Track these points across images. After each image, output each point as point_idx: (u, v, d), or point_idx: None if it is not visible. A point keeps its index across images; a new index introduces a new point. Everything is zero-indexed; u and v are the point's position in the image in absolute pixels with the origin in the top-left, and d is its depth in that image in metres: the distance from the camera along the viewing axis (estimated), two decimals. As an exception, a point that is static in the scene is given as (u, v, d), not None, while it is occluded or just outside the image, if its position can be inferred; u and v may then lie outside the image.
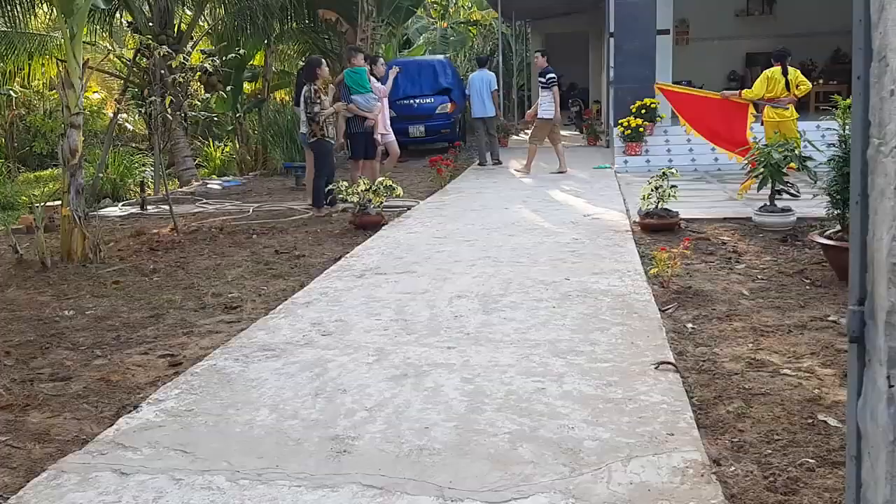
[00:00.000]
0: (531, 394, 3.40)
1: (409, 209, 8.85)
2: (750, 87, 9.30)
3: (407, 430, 3.09)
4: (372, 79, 9.96)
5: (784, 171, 6.87)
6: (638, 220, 7.24)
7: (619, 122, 12.69)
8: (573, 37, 29.30)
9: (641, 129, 12.52)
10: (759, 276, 5.38)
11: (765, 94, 8.81)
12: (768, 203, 7.10)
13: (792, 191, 8.02)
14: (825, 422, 3.07)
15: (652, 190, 7.09)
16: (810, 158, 6.93)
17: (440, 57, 18.43)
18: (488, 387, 3.50)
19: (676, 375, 3.56)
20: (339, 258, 6.46)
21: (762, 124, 8.97)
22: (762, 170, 6.89)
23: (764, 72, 8.96)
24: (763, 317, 4.47)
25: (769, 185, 7.00)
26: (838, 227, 5.30)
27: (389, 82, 10.59)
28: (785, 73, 8.80)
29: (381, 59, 11.12)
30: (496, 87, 13.77)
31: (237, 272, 6.19)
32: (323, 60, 9.53)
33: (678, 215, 7.15)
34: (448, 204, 9.27)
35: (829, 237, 5.21)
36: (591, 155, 14.64)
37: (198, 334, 4.62)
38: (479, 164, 13.48)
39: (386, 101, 10.49)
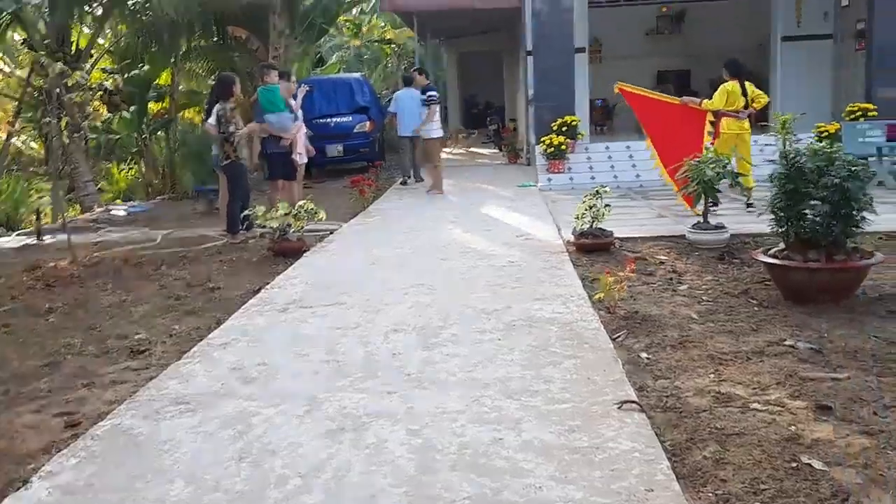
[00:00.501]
0: (488, 446, 3.03)
1: (331, 233, 8.40)
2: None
3: (350, 499, 2.67)
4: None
5: (716, 187, 6.76)
6: (573, 240, 7.01)
7: (542, 139, 12.57)
8: (487, 55, 29.43)
9: (564, 147, 12.43)
10: (703, 298, 5.19)
11: (723, 107, 8.74)
12: (702, 220, 6.98)
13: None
14: (810, 465, 2.81)
15: (586, 209, 6.87)
16: (742, 175, 6.86)
17: (357, 75, 18.05)
18: (438, 440, 3.10)
19: (643, 416, 3.26)
20: (259, 290, 5.96)
21: (714, 137, 8.88)
22: (695, 186, 6.76)
23: (722, 85, 8.83)
24: (718, 343, 4.23)
25: (702, 202, 6.89)
26: (782, 246, 5.17)
27: (298, 101, 10.08)
28: (743, 87, 8.73)
29: (293, 77, 10.65)
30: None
31: (145, 309, 5.61)
32: (237, 78, 9.02)
33: (612, 234, 6.95)
34: (373, 227, 8.86)
35: (773, 256, 5.05)
36: (513, 173, 14.50)
37: (100, 386, 4.07)
38: (401, 183, 13.23)
39: (301, 119, 10.03)
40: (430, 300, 5.31)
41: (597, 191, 6.96)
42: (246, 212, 7.79)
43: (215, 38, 15.44)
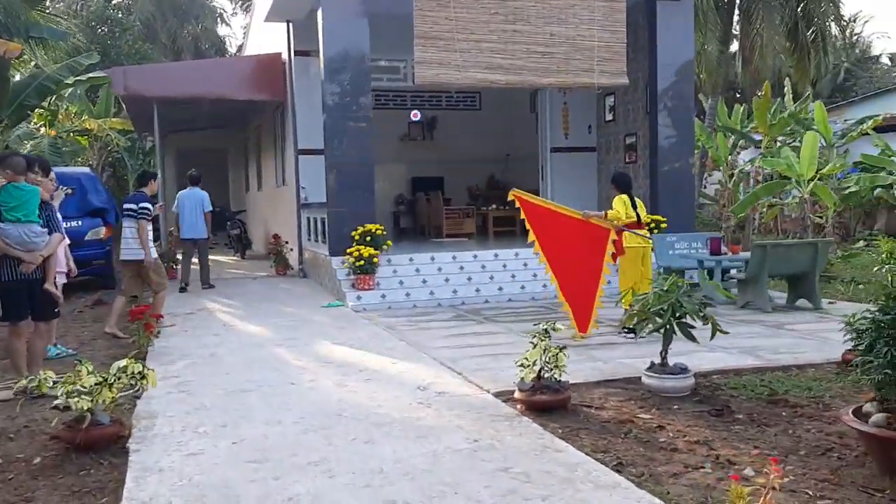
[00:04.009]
0: None
1: (137, 398, 5.69)
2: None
3: None
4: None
5: (685, 320, 5.53)
6: (520, 396, 5.26)
7: (348, 251, 10.74)
8: (210, 153, 27.05)
9: (375, 260, 10.72)
10: (812, 494, 3.74)
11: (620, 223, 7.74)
12: (660, 361, 5.69)
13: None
14: None
15: (539, 354, 5.21)
16: (710, 303, 5.79)
17: (85, 169, 14.82)
18: None
19: None
20: (101, 539, 3.35)
21: (616, 255, 7.75)
22: (662, 321, 5.47)
23: (619, 196, 7.88)
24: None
25: (666, 341, 5.62)
26: (873, 409, 3.98)
27: (56, 204, 7.27)
28: (633, 202, 7.82)
29: (52, 173, 7.72)
30: (211, 208, 11.38)
31: None
32: None
33: (569, 385, 5.36)
34: (189, 380, 6.27)
35: (893, 428, 3.78)
36: (296, 288, 12.43)
37: None
38: (181, 290, 11.56)
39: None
40: (446, 541, 3.22)
41: (545, 329, 5.36)
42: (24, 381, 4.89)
43: None
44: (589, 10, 12.00)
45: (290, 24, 14.00)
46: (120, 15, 35.23)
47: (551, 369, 5.19)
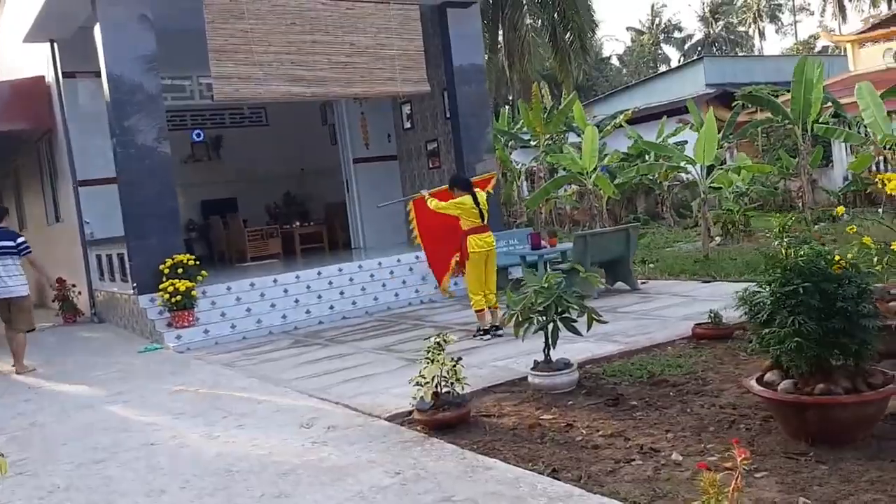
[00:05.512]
0: None
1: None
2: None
3: None
4: None
5: (569, 315, 5.56)
6: (421, 416, 4.97)
7: (160, 287, 9.76)
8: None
9: (194, 293, 9.84)
10: (749, 468, 3.84)
11: (462, 226, 7.64)
12: (544, 359, 5.67)
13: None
14: None
15: (438, 369, 4.96)
16: (584, 296, 5.85)
17: None
18: None
19: None
20: None
21: (461, 261, 7.66)
22: (544, 319, 5.45)
23: (458, 198, 7.75)
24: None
25: (549, 338, 5.60)
26: (773, 378, 4.20)
27: None
28: (476, 200, 7.71)
29: None
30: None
31: None
32: None
33: (469, 397, 5.17)
34: (20, 459, 5.22)
35: (805, 391, 3.99)
36: (94, 335, 11.13)
37: None
38: None
39: None
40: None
41: (437, 342, 5.12)
42: None
43: None
44: (385, 19, 11.93)
45: (55, 45, 12.54)
46: None
47: (451, 383, 4.97)
